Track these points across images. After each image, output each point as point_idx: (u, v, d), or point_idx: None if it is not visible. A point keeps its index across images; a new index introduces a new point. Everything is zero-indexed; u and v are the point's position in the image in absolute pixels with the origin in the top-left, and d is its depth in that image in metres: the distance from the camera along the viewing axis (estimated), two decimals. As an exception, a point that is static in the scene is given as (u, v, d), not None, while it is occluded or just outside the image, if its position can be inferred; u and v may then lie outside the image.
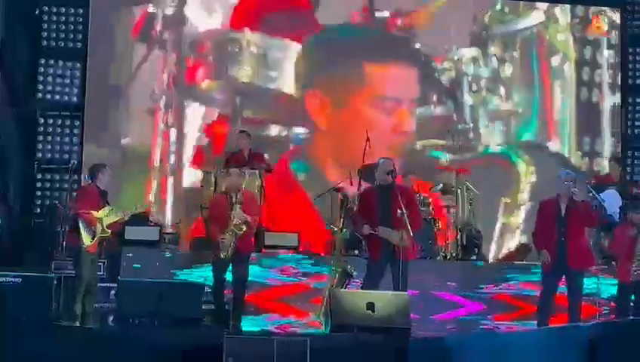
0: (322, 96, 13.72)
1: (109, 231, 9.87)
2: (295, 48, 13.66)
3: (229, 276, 9.95)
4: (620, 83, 14.28)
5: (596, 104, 14.37)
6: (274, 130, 13.64)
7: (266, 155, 12.43)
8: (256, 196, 11.04)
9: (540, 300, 9.94)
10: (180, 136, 13.39)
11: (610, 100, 14.34)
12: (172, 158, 13.35)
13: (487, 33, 14.22)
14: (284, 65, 13.63)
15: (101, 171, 10.08)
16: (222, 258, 9.84)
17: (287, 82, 13.63)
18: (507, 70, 14.18)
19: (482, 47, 14.19)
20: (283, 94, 13.62)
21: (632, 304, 10.11)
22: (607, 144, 14.28)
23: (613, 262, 10.70)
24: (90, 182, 10.19)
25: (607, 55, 14.38)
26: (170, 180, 13.31)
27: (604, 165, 13.97)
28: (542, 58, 14.35)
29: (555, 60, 14.36)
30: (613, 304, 10.66)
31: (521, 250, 12.98)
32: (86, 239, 9.73)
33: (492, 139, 14.14)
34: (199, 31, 13.58)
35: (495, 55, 14.22)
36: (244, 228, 9.83)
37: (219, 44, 13.56)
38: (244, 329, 9.92)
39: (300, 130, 13.69)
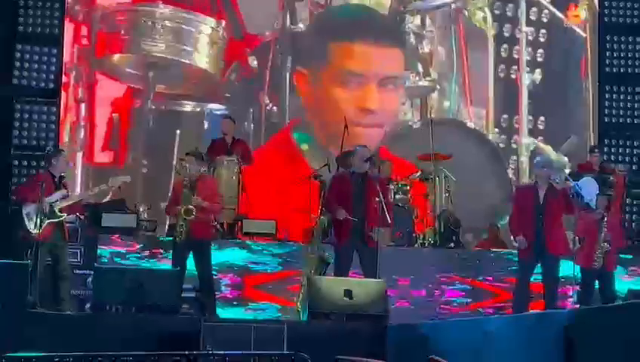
0: (305, 74, 13.67)
1: (63, 214, 9.69)
2: (210, 23, 13.51)
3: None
4: (597, 71, 14.32)
5: (514, 81, 14.38)
6: (187, 106, 13.50)
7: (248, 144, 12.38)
8: (215, 183, 10.91)
9: (516, 286, 9.98)
10: (90, 111, 13.22)
11: (528, 78, 14.35)
12: (81, 133, 13.21)
13: (405, 9, 14.15)
14: (199, 39, 13.48)
15: (54, 157, 10.01)
16: (177, 242, 9.79)
17: (201, 57, 13.48)
18: (425, 46, 14.14)
19: (400, 23, 14.10)
20: (197, 69, 13.48)
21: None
22: (525, 121, 14.29)
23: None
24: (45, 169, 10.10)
25: (527, 32, 14.37)
26: (79, 156, 13.19)
27: (522, 142, 14.00)
28: (460, 34, 14.32)
29: (473, 36, 14.33)
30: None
31: (492, 229, 13.02)
32: (30, 225, 9.62)
33: (409, 115, 14.20)
34: (111, 3, 13.37)
35: (413, 31, 14.16)
36: (194, 214, 9.74)
37: (131, 17, 13.35)
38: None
39: (214, 106, 13.52)
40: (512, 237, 10.28)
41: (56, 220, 9.66)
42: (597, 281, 10.20)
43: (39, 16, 12.97)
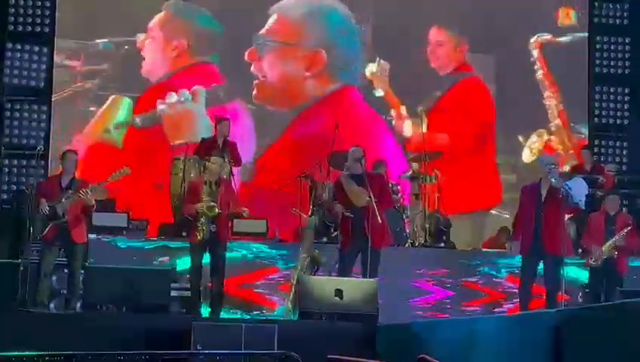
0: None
1: (64, 217, 9.62)
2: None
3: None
4: (587, 72, 14.35)
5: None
6: None
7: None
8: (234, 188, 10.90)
9: (519, 286, 9.90)
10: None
11: None
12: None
13: None
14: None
15: (64, 158, 10.00)
16: (198, 242, 9.77)
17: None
18: None
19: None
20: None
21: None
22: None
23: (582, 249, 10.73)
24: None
25: None
26: None
27: None
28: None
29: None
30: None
31: (503, 232, 12.91)
32: (40, 227, 9.66)
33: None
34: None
35: None
36: (217, 211, 9.74)
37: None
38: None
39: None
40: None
41: (59, 222, 9.62)
42: (604, 283, 10.17)
43: (30, 15, 12.96)
